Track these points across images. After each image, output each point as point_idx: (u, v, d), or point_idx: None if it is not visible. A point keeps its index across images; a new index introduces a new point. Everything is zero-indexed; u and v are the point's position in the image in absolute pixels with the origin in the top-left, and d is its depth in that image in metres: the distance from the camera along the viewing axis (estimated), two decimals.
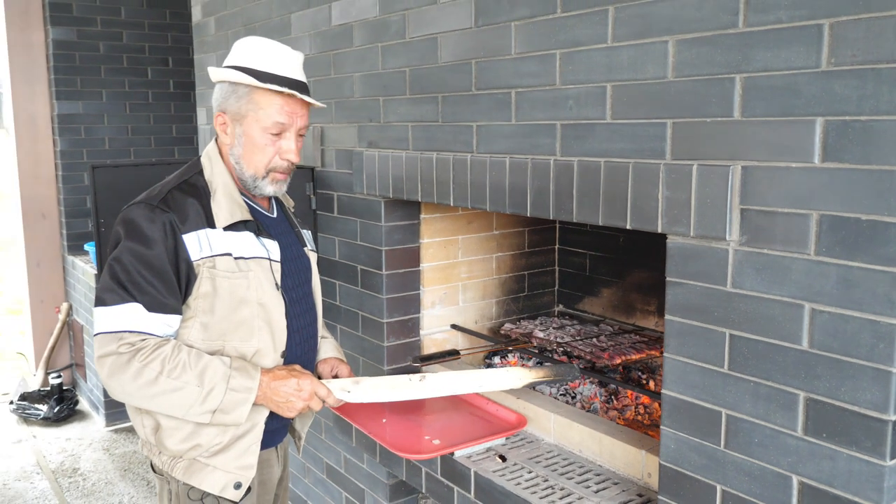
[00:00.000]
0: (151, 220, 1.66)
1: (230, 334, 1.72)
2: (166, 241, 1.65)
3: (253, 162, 1.76)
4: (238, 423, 1.68)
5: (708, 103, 1.54)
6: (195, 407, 1.63)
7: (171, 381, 1.61)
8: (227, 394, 1.63)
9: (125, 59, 5.11)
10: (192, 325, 1.71)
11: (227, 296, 1.71)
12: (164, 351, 1.62)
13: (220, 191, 1.75)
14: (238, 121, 1.75)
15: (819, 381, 1.42)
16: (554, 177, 1.85)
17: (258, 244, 1.77)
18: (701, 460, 1.62)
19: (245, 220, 1.75)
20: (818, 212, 1.39)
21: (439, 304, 2.69)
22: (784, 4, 1.40)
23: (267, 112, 1.72)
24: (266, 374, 1.70)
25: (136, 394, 1.63)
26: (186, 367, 1.62)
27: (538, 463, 2.07)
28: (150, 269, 1.64)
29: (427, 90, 2.26)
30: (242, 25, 3.26)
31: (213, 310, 1.70)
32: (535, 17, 1.88)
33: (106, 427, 4.69)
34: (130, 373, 1.60)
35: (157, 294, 1.64)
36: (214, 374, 1.63)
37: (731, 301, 1.54)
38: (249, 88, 1.72)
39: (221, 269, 1.70)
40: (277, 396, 1.70)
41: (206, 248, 1.69)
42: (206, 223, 1.70)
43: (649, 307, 2.71)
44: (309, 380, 1.73)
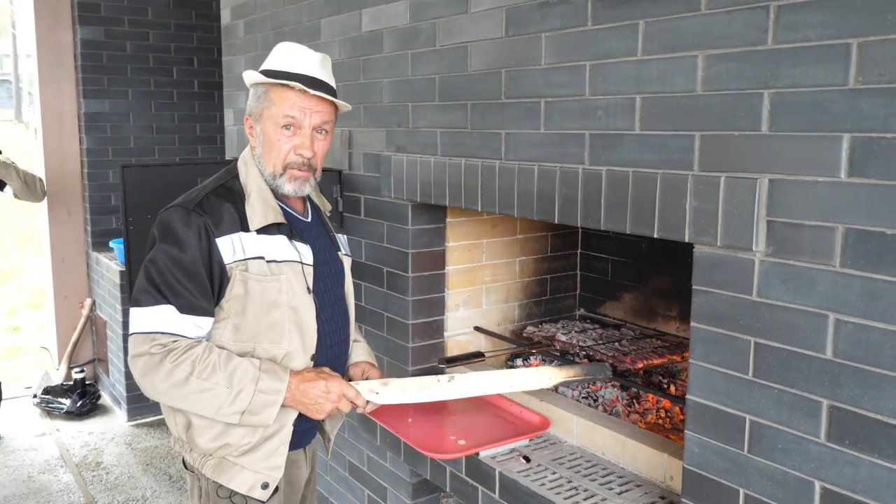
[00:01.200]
0: (186, 223, 1.70)
1: (261, 336, 1.75)
2: (200, 244, 1.69)
3: (270, 159, 1.79)
4: (266, 424, 1.71)
5: (736, 117, 1.58)
6: (224, 408, 1.66)
7: (202, 382, 1.64)
8: (255, 395, 1.66)
9: (151, 58, 5.18)
10: (224, 327, 1.75)
11: (258, 298, 1.74)
12: (195, 352, 1.66)
13: (254, 194, 1.79)
14: (259, 121, 1.80)
15: (842, 389, 1.46)
16: (582, 185, 1.90)
17: (291, 248, 1.80)
18: (724, 464, 1.66)
19: (278, 223, 1.78)
20: (844, 225, 1.43)
21: (463, 307, 2.74)
22: (813, 24, 1.44)
23: (279, 107, 1.76)
24: (295, 376, 1.72)
25: (168, 393, 1.68)
26: (216, 368, 1.66)
27: (561, 464, 2.11)
28: (183, 271, 1.68)
29: (456, 97, 2.30)
30: (272, 29, 3.32)
31: (244, 312, 1.74)
32: (565, 28, 1.93)
33: (128, 422, 4.77)
34: (162, 373, 1.65)
35: (190, 296, 1.68)
36: (244, 375, 1.67)
37: (757, 310, 1.58)
38: (266, 87, 1.79)
39: (254, 272, 1.73)
40: (306, 398, 1.72)
41: (239, 251, 1.73)
42: (241, 227, 1.74)
43: (670, 312, 2.75)
44: (337, 382, 1.75)
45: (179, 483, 3.94)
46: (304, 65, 1.78)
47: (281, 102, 1.76)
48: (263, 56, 3.38)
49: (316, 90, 1.77)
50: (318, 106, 1.79)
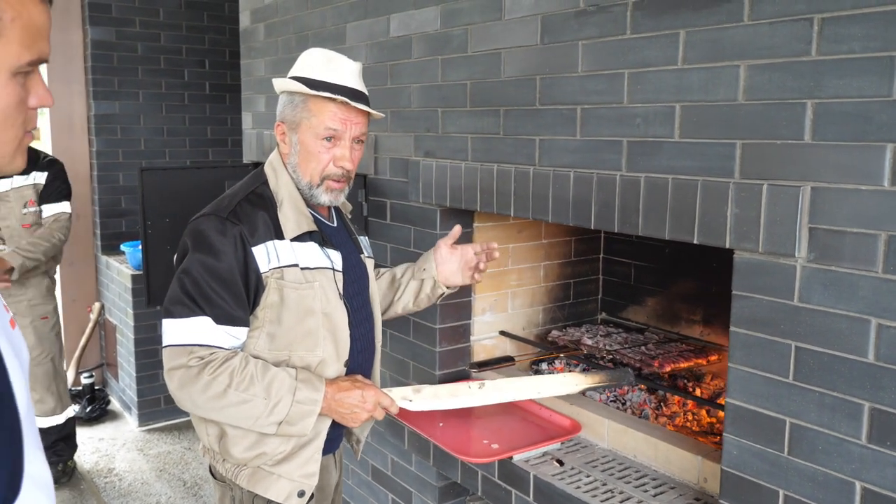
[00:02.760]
0: (222, 232, 1.70)
1: (296, 344, 1.76)
2: (236, 253, 1.69)
3: (308, 170, 1.80)
4: (303, 434, 1.72)
5: (778, 126, 1.61)
6: (262, 419, 1.67)
7: (240, 394, 1.64)
8: (293, 406, 1.66)
9: (162, 60, 5.19)
10: (259, 336, 1.75)
11: (294, 306, 1.74)
12: (232, 364, 1.66)
13: (286, 201, 1.79)
14: (294, 129, 1.80)
15: (884, 392, 1.49)
16: (620, 191, 1.93)
17: (322, 255, 1.80)
18: (764, 466, 1.69)
19: (311, 230, 1.79)
20: (887, 232, 1.46)
21: (489, 311, 2.77)
22: (857, 36, 1.47)
23: (320, 119, 1.76)
24: (330, 385, 1.72)
25: (205, 406, 1.68)
26: (254, 379, 1.65)
27: (595, 467, 2.14)
28: (219, 281, 1.68)
29: (489, 103, 2.33)
30: (294, 33, 3.34)
31: (280, 320, 1.75)
32: (603, 37, 1.96)
33: (139, 427, 4.76)
34: (200, 385, 1.65)
35: (227, 306, 1.68)
36: (281, 386, 1.67)
37: (798, 315, 1.61)
38: (304, 97, 1.78)
39: (289, 280, 1.74)
40: (342, 408, 1.73)
41: (274, 259, 1.73)
42: (274, 234, 1.75)
43: (694, 316, 2.78)
44: (373, 391, 1.76)
45: (194, 489, 3.94)
46: (345, 75, 1.79)
47: (322, 114, 1.77)
48: (284, 59, 3.44)
49: (357, 102, 1.78)
50: (358, 118, 1.81)
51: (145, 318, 4.68)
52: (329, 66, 1.78)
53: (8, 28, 0.82)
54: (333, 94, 1.75)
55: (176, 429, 4.72)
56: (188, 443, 4.52)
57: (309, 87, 1.76)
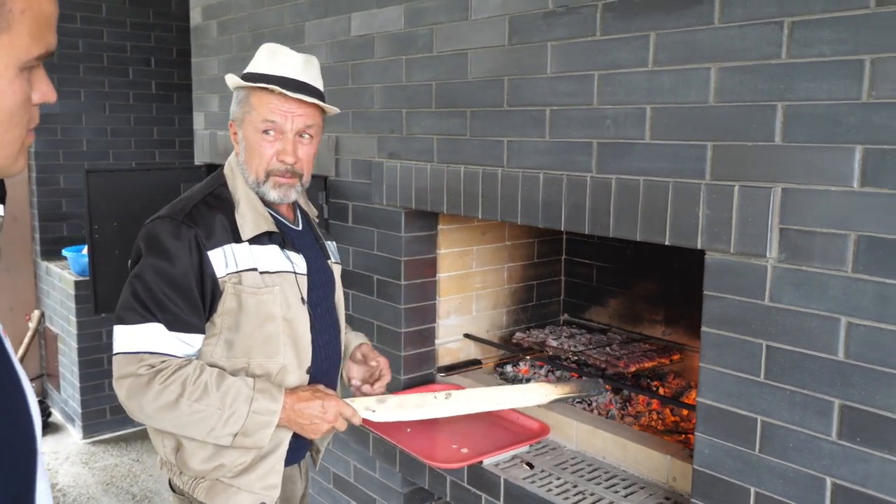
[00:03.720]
0: (176, 235, 1.64)
1: (255, 351, 1.70)
2: (191, 257, 1.63)
3: (253, 165, 1.74)
4: (260, 446, 1.66)
5: (749, 128, 1.63)
6: (216, 429, 1.61)
7: (193, 404, 1.58)
8: (249, 417, 1.61)
9: (105, 57, 5.01)
10: (216, 343, 1.69)
11: (252, 312, 1.68)
12: (185, 372, 1.60)
13: (243, 202, 1.73)
14: (240, 126, 1.76)
15: (854, 389, 1.52)
16: (590, 193, 1.93)
17: (284, 258, 1.75)
18: (735, 464, 1.71)
19: (270, 231, 1.74)
20: (856, 232, 1.50)
21: (454, 314, 2.75)
22: (827, 40, 1.50)
23: (258, 112, 1.71)
24: (290, 395, 1.66)
25: (156, 416, 1.61)
26: (208, 388, 1.59)
27: (565, 469, 2.14)
28: (172, 286, 1.62)
29: (455, 104, 2.31)
30: (249, 31, 3.26)
31: (237, 326, 1.69)
32: (573, 38, 1.96)
33: (83, 440, 4.57)
34: (150, 395, 1.59)
35: (180, 312, 1.62)
36: (237, 396, 1.61)
37: (769, 314, 1.63)
38: (247, 91, 1.73)
39: (247, 284, 1.68)
40: (301, 419, 1.67)
41: (231, 263, 1.67)
42: (232, 237, 1.68)
43: (656, 316, 2.81)
44: (335, 401, 1.70)
45: (144, 503, 3.81)
46: (286, 67, 1.72)
47: (261, 107, 1.71)
48: (239, 58, 3.36)
49: (297, 93, 1.70)
50: (301, 109, 1.73)
51: (89, 325, 4.51)
52: (272, 58, 1.74)
53: (17, 20, 0.76)
54: (266, 84, 1.69)
55: (123, 440, 4.56)
56: (136, 454, 4.37)
57: (249, 81, 1.72)
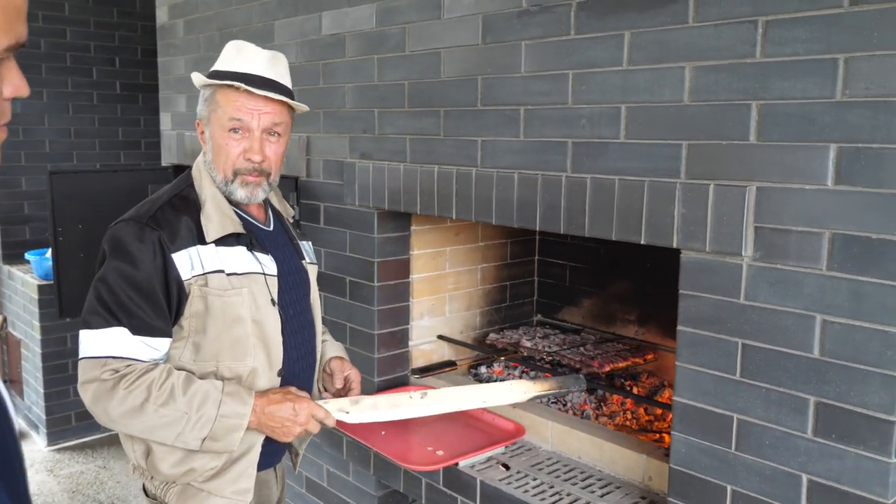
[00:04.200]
0: (140, 238, 1.61)
1: (224, 354, 1.67)
2: (155, 260, 1.60)
3: (220, 164, 1.71)
4: (229, 450, 1.64)
5: (724, 127, 1.64)
6: (184, 434, 1.58)
7: (159, 408, 1.56)
8: (217, 420, 1.58)
9: (68, 57, 4.90)
10: (184, 347, 1.66)
11: (220, 314, 1.65)
12: (151, 376, 1.58)
13: (209, 203, 1.70)
14: (207, 125, 1.73)
15: (829, 386, 1.53)
16: (566, 193, 1.92)
17: (251, 259, 1.71)
18: (712, 463, 1.71)
19: (237, 233, 1.70)
20: (830, 230, 1.50)
21: (427, 315, 2.72)
22: (801, 39, 1.51)
23: (224, 110, 1.68)
24: (260, 398, 1.64)
25: (122, 421, 1.59)
26: (175, 392, 1.57)
27: (541, 470, 2.13)
28: (137, 290, 1.59)
29: (428, 104, 2.29)
30: (217, 30, 3.21)
31: (205, 329, 1.66)
32: (547, 37, 1.95)
33: (48, 447, 4.46)
34: (115, 400, 1.56)
35: (144, 316, 1.59)
36: (205, 399, 1.59)
37: (745, 313, 1.64)
38: (213, 89, 1.71)
39: (214, 286, 1.65)
40: (272, 422, 1.64)
41: (197, 265, 1.64)
42: (198, 239, 1.66)
43: (629, 316, 2.82)
44: (306, 403, 1.67)
45: None
46: (252, 64, 1.69)
47: (227, 105, 1.68)
48: (206, 57, 3.30)
49: (263, 90, 1.67)
50: (268, 107, 1.70)
51: (54, 330, 4.40)
52: (237, 55, 1.71)
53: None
54: (232, 81, 1.66)
55: (88, 447, 4.45)
56: (102, 461, 4.28)
57: (214, 79, 1.69)
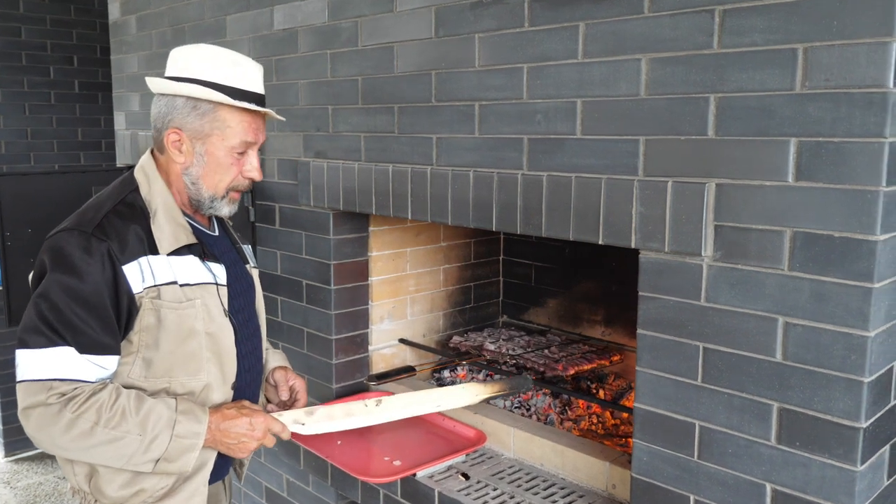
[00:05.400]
0: (86, 249, 1.49)
1: (177, 369, 1.58)
2: (104, 273, 1.49)
3: (214, 182, 1.64)
4: (184, 471, 1.56)
5: (682, 121, 1.57)
6: (136, 456, 1.49)
7: (110, 432, 1.47)
8: (172, 441, 1.50)
9: (24, 56, 4.76)
10: (133, 362, 1.56)
11: (174, 328, 1.57)
12: (100, 398, 1.48)
13: (160, 212, 1.60)
14: (200, 139, 1.61)
15: (792, 391, 1.47)
16: (522, 191, 1.85)
17: (204, 269, 1.63)
18: (674, 472, 1.65)
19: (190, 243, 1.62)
20: (792, 229, 1.44)
21: (388, 319, 2.64)
22: (759, 28, 1.44)
23: (235, 131, 1.61)
24: (214, 414, 1.57)
25: (70, 447, 1.49)
26: (126, 414, 1.48)
27: (501, 479, 2.05)
28: (84, 305, 1.48)
29: (382, 100, 2.21)
30: (169, 26, 3.10)
31: (157, 344, 1.56)
32: (501, 29, 1.87)
33: (5, 458, 4.33)
34: (62, 425, 1.46)
35: (92, 333, 1.48)
36: (158, 419, 1.50)
37: (705, 315, 1.57)
38: (213, 105, 1.60)
39: (167, 299, 1.56)
40: (228, 438, 1.58)
41: (148, 277, 1.54)
42: (148, 249, 1.55)
43: (595, 317, 2.75)
44: (262, 417, 1.62)
45: None
46: (255, 81, 1.64)
47: (237, 126, 1.61)
48: (159, 55, 3.19)
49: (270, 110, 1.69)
50: (264, 125, 1.69)
51: (6, 338, 4.27)
52: (237, 70, 1.61)
53: None
54: (254, 106, 1.61)
55: (48, 458, 4.32)
56: (61, 472, 4.15)
57: (228, 96, 1.59)
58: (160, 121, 1.63)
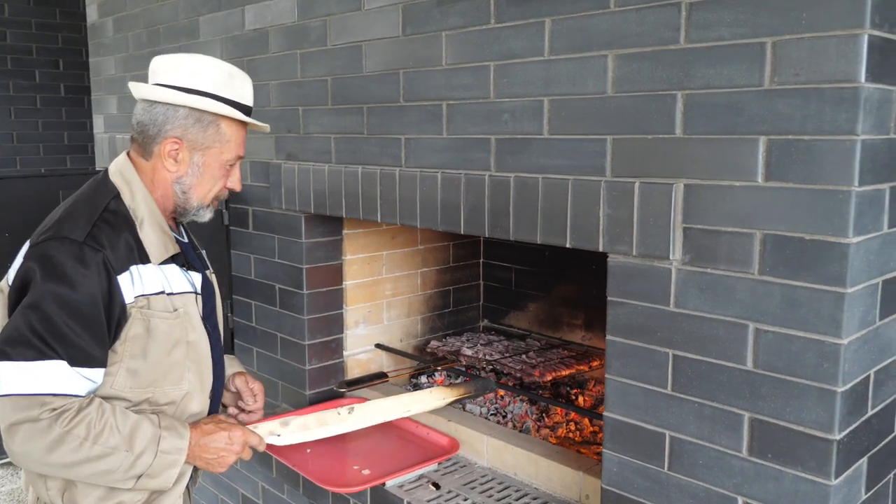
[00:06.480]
0: (80, 259, 1.43)
1: (162, 379, 1.55)
2: (100, 283, 1.44)
3: (202, 192, 1.64)
4: (165, 487, 1.52)
5: (649, 120, 1.51)
6: (119, 472, 1.46)
7: (97, 448, 1.42)
8: (157, 457, 1.48)
9: (9, 60, 4.75)
10: (117, 372, 1.51)
11: (163, 338, 1.54)
12: (88, 413, 1.43)
13: (147, 221, 1.56)
14: (200, 151, 1.60)
15: (764, 401, 1.41)
16: (489, 193, 1.79)
17: (185, 278, 1.61)
18: (644, 483, 1.59)
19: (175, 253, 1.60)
20: (762, 231, 1.38)
21: (363, 323, 2.58)
22: (726, 22, 1.38)
23: (232, 145, 1.64)
24: (194, 429, 1.55)
25: (56, 463, 1.43)
26: (114, 430, 1.44)
27: (473, 489, 2.00)
28: (77, 317, 1.43)
29: (351, 100, 2.15)
30: (144, 27, 3.06)
31: (144, 354, 1.52)
32: (467, 27, 1.82)
33: None
34: (50, 440, 1.40)
35: (84, 345, 1.43)
36: (143, 436, 1.47)
37: (675, 321, 1.51)
38: (216, 117, 1.59)
39: (157, 308, 1.52)
40: (207, 453, 1.56)
41: (139, 286, 1.50)
42: (138, 258, 1.52)
43: (575, 321, 2.69)
44: (240, 431, 1.61)
45: None
46: (249, 94, 1.67)
47: (235, 140, 1.64)
48: (136, 57, 3.14)
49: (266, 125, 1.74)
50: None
51: None
52: (234, 83, 1.62)
53: None
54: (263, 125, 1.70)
55: None
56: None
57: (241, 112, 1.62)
58: (153, 128, 1.58)
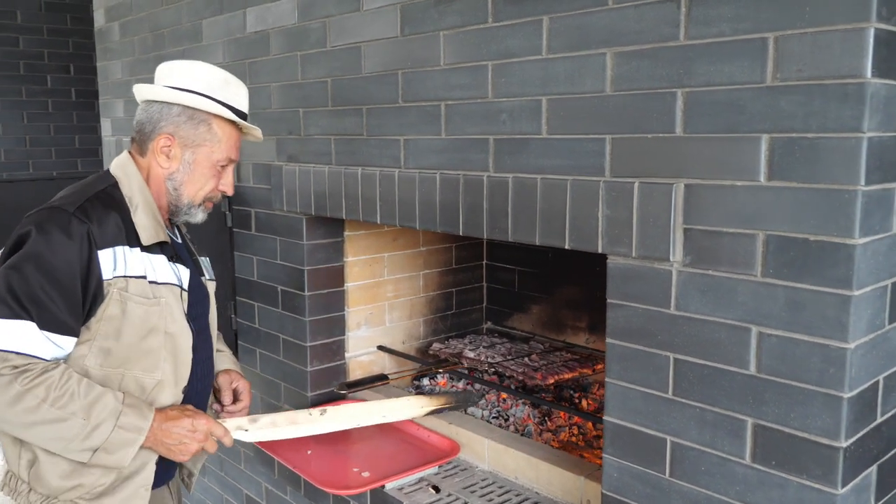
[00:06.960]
0: (65, 228, 1.49)
1: (133, 363, 1.58)
2: (80, 253, 1.49)
3: (193, 190, 1.70)
4: (120, 466, 1.54)
5: (649, 119, 1.48)
6: (76, 441, 1.48)
7: (55, 411, 1.45)
8: (114, 431, 1.49)
9: (22, 65, 4.77)
10: (89, 350, 1.55)
11: (138, 322, 1.57)
12: (51, 376, 1.46)
13: (141, 208, 1.62)
14: (191, 148, 1.68)
15: (767, 406, 1.37)
16: (488, 194, 1.76)
17: (171, 270, 1.65)
18: (645, 489, 1.55)
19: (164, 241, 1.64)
20: (765, 232, 1.34)
21: (365, 325, 2.56)
22: (727, 17, 1.35)
23: (224, 146, 1.70)
24: (158, 413, 1.57)
25: (13, 420, 1.47)
26: (75, 396, 1.47)
27: (473, 492, 1.97)
28: (53, 282, 1.47)
29: (350, 102, 2.13)
30: (150, 31, 3.06)
31: (118, 335, 1.56)
32: (465, 26, 1.79)
33: None
34: (10, 396, 1.44)
35: (57, 311, 1.48)
36: (104, 408, 1.49)
37: (676, 324, 1.48)
38: (208, 116, 1.67)
39: (134, 292, 1.56)
40: (169, 439, 1.57)
41: (120, 266, 1.55)
42: (126, 240, 1.56)
43: (579, 323, 2.65)
44: (204, 420, 1.62)
45: None
46: (241, 99, 1.75)
47: (227, 141, 1.71)
48: (142, 60, 3.14)
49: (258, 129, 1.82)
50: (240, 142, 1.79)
51: None
52: (230, 88, 1.72)
53: None
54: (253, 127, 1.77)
55: None
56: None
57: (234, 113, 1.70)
58: (149, 125, 1.68)
